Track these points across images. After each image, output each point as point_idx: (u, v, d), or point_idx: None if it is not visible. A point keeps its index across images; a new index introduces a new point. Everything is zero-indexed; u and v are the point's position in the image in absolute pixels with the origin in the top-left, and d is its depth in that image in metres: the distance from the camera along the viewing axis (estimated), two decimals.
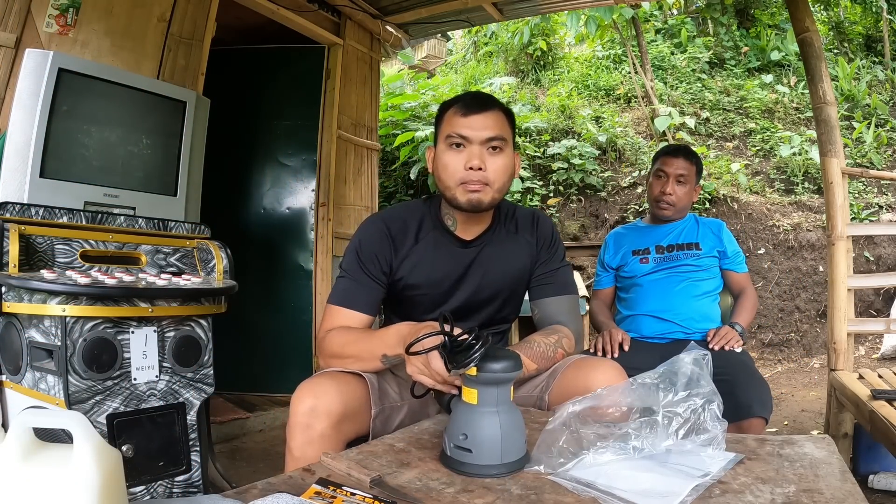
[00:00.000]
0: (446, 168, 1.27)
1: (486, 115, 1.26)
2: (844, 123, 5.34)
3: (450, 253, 1.33)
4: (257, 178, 3.39)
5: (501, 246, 1.36)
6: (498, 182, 1.26)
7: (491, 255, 1.35)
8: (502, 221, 1.39)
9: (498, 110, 1.28)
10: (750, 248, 4.63)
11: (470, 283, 1.34)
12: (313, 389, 1.10)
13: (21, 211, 1.48)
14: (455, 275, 1.33)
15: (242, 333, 3.12)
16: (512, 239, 1.38)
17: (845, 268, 2.34)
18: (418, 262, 1.32)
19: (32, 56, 1.63)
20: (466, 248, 1.34)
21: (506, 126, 1.28)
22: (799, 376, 3.99)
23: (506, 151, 1.27)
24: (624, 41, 6.55)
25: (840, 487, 0.76)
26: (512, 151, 1.30)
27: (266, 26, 3.16)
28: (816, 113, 2.47)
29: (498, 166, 1.26)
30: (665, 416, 0.88)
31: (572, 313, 1.37)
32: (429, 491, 0.79)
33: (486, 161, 1.25)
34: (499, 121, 1.27)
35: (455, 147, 1.27)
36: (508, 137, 1.28)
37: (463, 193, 1.25)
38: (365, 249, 1.30)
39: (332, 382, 1.12)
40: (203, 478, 1.63)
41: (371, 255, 1.29)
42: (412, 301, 1.35)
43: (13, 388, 1.46)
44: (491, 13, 3.48)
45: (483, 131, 1.25)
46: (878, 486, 2.08)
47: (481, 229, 1.35)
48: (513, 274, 1.37)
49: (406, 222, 1.34)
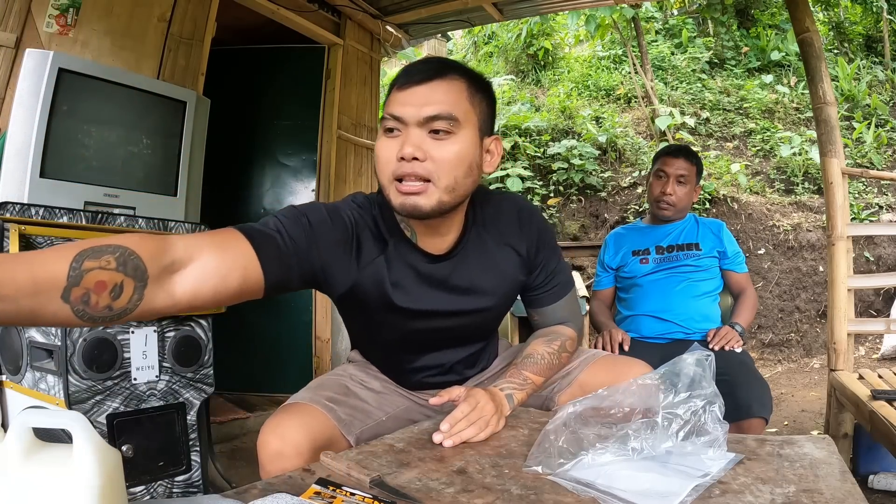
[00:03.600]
0: (378, 160, 0.98)
1: (432, 87, 0.94)
2: (844, 124, 5.34)
3: (415, 273, 1.05)
4: (257, 178, 3.39)
5: (481, 260, 1.09)
6: (446, 178, 0.95)
7: (469, 274, 1.08)
8: (479, 223, 1.10)
9: (452, 78, 0.96)
10: (750, 248, 4.63)
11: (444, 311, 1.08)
12: (277, 431, 0.99)
13: (21, 211, 1.48)
14: (424, 301, 1.06)
15: (242, 333, 3.12)
16: (495, 248, 1.10)
17: (845, 268, 2.34)
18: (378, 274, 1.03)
19: (32, 56, 1.63)
20: (435, 263, 1.06)
21: (462, 100, 0.96)
22: (799, 376, 3.99)
23: (459, 135, 0.95)
24: (624, 41, 6.55)
25: (840, 487, 0.76)
26: (476, 136, 0.98)
27: (266, 26, 3.16)
28: (816, 113, 2.47)
29: (445, 156, 0.94)
30: (665, 418, 0.88)
31: (574, 309, 1.26)
32: (429, 491, 0.79)
33: (428, 149, 0.94)
34: (450, 93, 0.95)
35: (388, 132, 0.97)
36: (467, 116, 0.96)
37: (396, 195, 0.96)
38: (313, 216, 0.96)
39: (296, 421, 1.00)
40: (203, 478, 1.63)
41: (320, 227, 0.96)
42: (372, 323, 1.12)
43: (13, 387, 1.47)
44: (491, 13, 3.48)
45: (422, 108, 0.93)
46: (878, 487, 2.08)
47: (451, 240, 1.07)
48: (502, 292, 1.13)
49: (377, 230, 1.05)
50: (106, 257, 0.68)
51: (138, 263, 0.71)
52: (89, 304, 0.67)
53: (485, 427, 0.98)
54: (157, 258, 0.73)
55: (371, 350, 1.25)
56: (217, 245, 0.82)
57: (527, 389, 1.11)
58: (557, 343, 1.18)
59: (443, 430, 0.95)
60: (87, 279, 0.66)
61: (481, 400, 1.00)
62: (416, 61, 1.01)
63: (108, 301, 0.69)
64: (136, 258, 0.70)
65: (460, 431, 0.95)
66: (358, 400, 1.13)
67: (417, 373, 1.20)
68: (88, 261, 0.67)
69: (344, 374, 1.22)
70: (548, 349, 1.17)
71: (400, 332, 1.11)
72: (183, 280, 0.76)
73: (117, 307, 0.70)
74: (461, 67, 1.00)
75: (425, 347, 1.17)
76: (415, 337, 1.13)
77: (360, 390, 1.17)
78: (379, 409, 1.15)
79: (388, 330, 1.12)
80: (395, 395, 1.21)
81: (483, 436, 0.97)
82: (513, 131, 5.73)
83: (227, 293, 0.82)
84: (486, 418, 0.99)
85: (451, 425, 0.95)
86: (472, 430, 0.97)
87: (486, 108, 1.02)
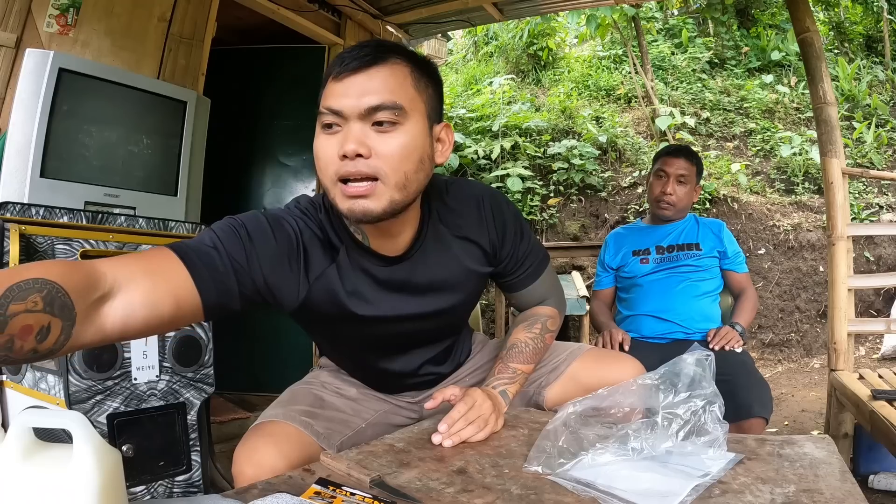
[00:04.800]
0: (318, 160, 0.88)
1: (371, 74, 0.85)
2: (845, 123, 5.34)
3: (372, 279, 0.98)
4: (257, 178, 3.39)
5: (441, 258, 1.02)
6: (395, 175, 0.86)
7: (429, 273, 1.02)
8: (435, 219, 1.02)
9: (394, 63, 0.87)
10: (750, 248, 4.63)
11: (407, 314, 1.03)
12: (253, 459, 0.93)
13: (21, 211, 1.48)
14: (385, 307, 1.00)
15: (242, 333, 3.12)
16: (454, 243, 1.03)
17: (845, 268, 2.34)
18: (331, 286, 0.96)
19: (33, 56, 1.63)
20: (392, 266, 0.99)
21: (406, 86, 0.87)
22: (799, 376, 3.99)
23: (406, 126, 0.86)
24: (625, 41, 6.54)
25: (840, 487, 0.76)
26: (424, 124, 0.89)
27: (266, 26, 3.16)
28: (817, 113, 2.47)
29: (392, 150, 0.85)
30: (665, 418, 0.88)
31: (552, 285, 1.21)
32: (429, 491, 0.79)
33: (373, 143, 0.84)
34: (392, 79, 0.86)
35: (327, 129, 0.87)
36: (413, 104, 0.87)
37: (342, 199, 0.87)
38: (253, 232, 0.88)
39: (270, 445, 0.95)
40: (203, 478, 1.63)
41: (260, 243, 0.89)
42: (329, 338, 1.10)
43: (13, 387, 1.47)
44: (491, 13, 3.48)
45: (362, 98, 0.84)
46: (878, 487, 2.08)
47: (407, 239, 0.99)
48: (467, 288, 1.08)
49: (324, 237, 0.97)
50: (33, 297, 0.61)
51: (66, 301, 0.64)
52: (13, 350, 0.60)
53: (483, 426, 0.97)
54: (84, 292, 0.66)
55: (339, 359, 1.21)
56: (147, 271, 0.75)
57: (518, 381, 1.11)
58: (538, 326, 1.16)
59: (441, 430, 0.94)
60: (11, 325, 0.60)
61: (478, 399, 1.00)
62: (353, 46, 0.89)
63: (34, 345, 0.62)
64: (63, 295, 0.63)
65: (459, 431, 0.95)
66: (334, 410, 1.09)
67: (390, 377, 1.16)
68: (14, 304, 0.60)
69: (316, 382, 1.18)
70: (529, 335, 1.15)
71: (364, 342, 1.07)
72: (112, 312, 0.70)
73: (43, 349, 0.63)
74: (402, 50, 0.91)
75: (392, 352, 1.12)
76: (380, 343, 1.09)
77: (335, 399, 1.13)
78: (356, 416, 1.11)
79: (350, 340, 1.07)
80: (372, 400, 1.18)
81: (482, 435, 0.97)
82: (513, 131, 5.73)
83: (160, 322, 0.76)
84: (484, 417, 0.98)
85: (449, 425, 0.95)
86: (471, 429, 0.96)
87: (433, 93, 0.93)
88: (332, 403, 1.11)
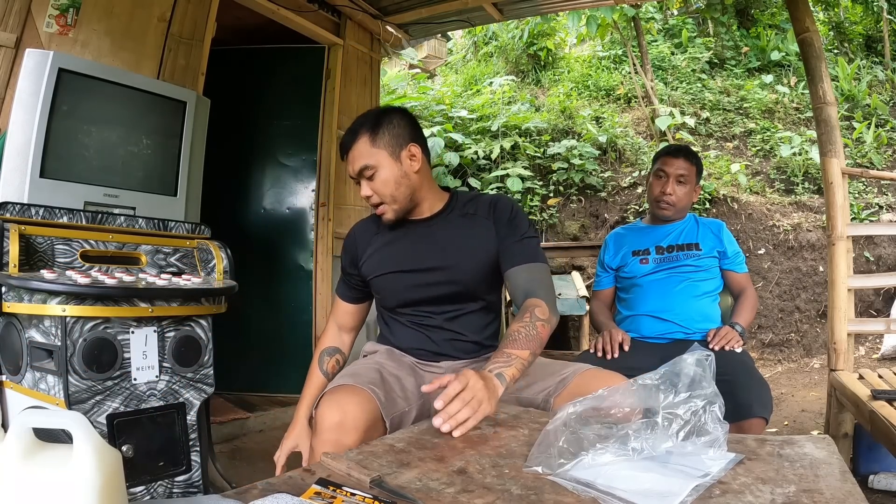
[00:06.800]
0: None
1: (351, 154, 1.39)
2: (844, 123, 5.34)
3: (405, 233, 1.45)
4: (257, 178, 3.39)
5: (458, 223, 1.44)
6: (388, 197, 1.39)
7: (447, 231, 1.43)
8: (458, 205, 1.48)
9: (357, 140, 1.37)
10: (750, 248, 4.63)
11: (429, 257, 1.40)
12: (339, 404, 1.14)
13: (21, 211, 1.48)
14: (414, 251, 1.42)
15: (242, 333, 3.12)
16: (469, 219, 1.44)
17: (845, 268, 2.34)
18: (378, 251, 1.45)
19: (32, 56, 1.63)
20: (422, 224, 1.45)
21: (368, 149, 1.36)
22: (799, 376, 3.99)
23: (379, 170, 1.36)
24: (624, 41, 6.55)
25: (840, 487, 0.76)
26: (389, 160, 1.37)
27: (266, 26, 3.16)
28: (816, 113, 2.47)
29: (378, 187, 1.38)
30: (665, 418, 0.88)
31: (542, 282, 1.34)
32: (429, 491, 0.79)
33: (369, 187, 1.39)
34: (359, 150, 1.37)
35: (356, 182, 1.44)
36: (376, 157, 1.36)
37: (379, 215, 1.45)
38: (343, 252, 1.54)
39: (354, 397, 1.17)
40: (203, 478, 1.63)
41: (345, 256, 1.52)
42: (383, 289, 1.46)
43: (13, 388, 1.46)
44: (491, 13, 3.48)
45: (353, 168, 1.39)
46: (878, 487, 2.08)
47: (436, 209, 1.46)
48: (473, 247, 1.40)
49: (368, 223, 1.52)
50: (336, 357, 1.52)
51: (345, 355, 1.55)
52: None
53: (478, 406, 1.03)
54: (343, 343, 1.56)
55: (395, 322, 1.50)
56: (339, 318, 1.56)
57: (514, 364, 1.16)
58: (527, 315, 1.24)
59: (437, 406, 1.01)
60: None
61: (471, 379, 1.06)
62: (343, 135, 1.42)
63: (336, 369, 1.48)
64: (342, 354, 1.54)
65: (456, 414, 1.01)
66: (388, 388, 1.28)
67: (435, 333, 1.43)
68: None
69: (373, 362, 1.39)
70: (520, 324, 1.23)
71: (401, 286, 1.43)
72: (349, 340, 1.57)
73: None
74: (362, 124, 1.38)
75: (422, 301, 1.43)
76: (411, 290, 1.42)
77: (389, 378, 1.33)
78: (404, 398, 1.29)
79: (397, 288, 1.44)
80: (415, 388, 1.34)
81: (479, 416, 1.02)
82: (513, 131, 5.73)
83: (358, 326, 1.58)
84: (478, 398, 1.04)
85: (444, 402, 1.01)
86: (466, 410, 1.01)
87: (390, 135, 1.37)
88: (388, 381, 1.31)
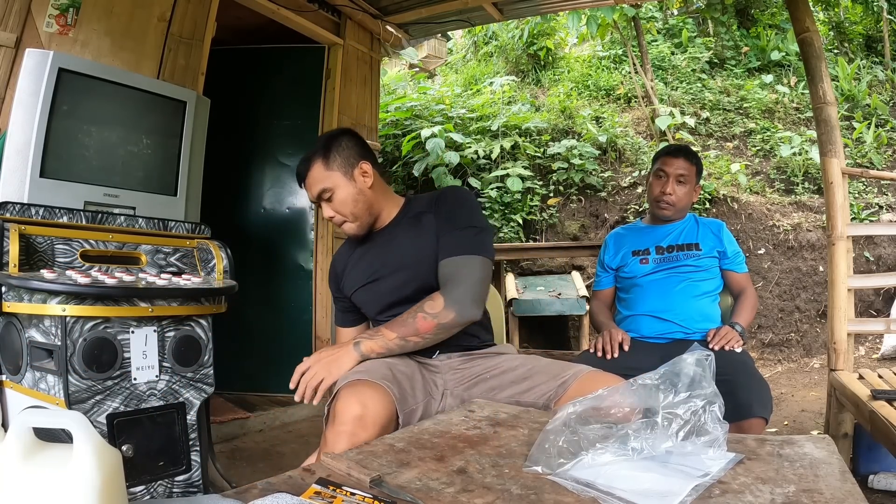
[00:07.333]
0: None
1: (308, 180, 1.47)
2: (844, 123, 5.34)
3: (371, 245, 1.52)
4: (257, 178, 3.39)
5: (410, 224, 1.49)
6: (348, 215, 1.47)
7: (403, 233, 1.49)
8: (412, 208, 1.53)
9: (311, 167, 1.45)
10: (750, 248, 4.63)
11: (392, 261, 1.46)
12: (360, 398, 1.13)
13: (21, 211, 1.48)
14: (381, 259, 1.48)
15: (242, 333, 3.12)
16: (418, 218, 1.49)
17: (845, 268, 2.34)
18: (353, 268, 1.53)
19: (32, 56, 1.63)
20: (384, 233, 1.51)
21: (322, 173, 1.44)
22: (799, 376, 3.99)
23: (336, 191, 1.44)
24: (624, 41, 6.55)
25: (840, 487, 0.76)
26: (344, 181, 1.45)
27: (266, 26, 3.16)
28: (816, 113, 2.47)
29: (337, 207, 1.46)
30: (665, 418, 0.88)
31: (462, 276, 1.36)
32: (429, 491, 0.79)
33: (330, 208, 1.47)
34: (314, 176, 1.45)
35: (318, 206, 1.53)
36: (330, 179, 1.44)
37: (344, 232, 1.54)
38: (329, 281, 1.63)
39: (374, 392, 1.16)
40: (203, 478, 1.63)
41: (332, 284, 1.61)
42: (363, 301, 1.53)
43: (13, 388, 1.46)
44: (491, 13, 3.48)
45: (312, 192, 1.48)
46: (878, 486, 2.08)
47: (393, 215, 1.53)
48: (422, 245, 1.43)
49: (345, 247, 1.60)
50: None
51: None
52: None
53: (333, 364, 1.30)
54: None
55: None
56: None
57: (377, 340, 1.35)
58: (416, 306, 1.36)
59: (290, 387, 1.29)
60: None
61: (322, 352, 1.34)
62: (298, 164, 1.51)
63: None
64: None
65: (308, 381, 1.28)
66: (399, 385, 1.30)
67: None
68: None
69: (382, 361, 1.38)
70: (407, 312, 1.36)
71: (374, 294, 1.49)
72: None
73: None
74: (314, 151, 1.47)
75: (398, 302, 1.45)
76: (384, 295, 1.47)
77: (400, 375, 1.33)
78: (413, 396, 1.32)
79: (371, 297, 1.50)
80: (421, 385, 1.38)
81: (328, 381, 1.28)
82: (513, 131, 5.73)
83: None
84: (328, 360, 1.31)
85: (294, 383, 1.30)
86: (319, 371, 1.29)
87: (341, 157, 1.45)
88: (399, 378, 1.32)
